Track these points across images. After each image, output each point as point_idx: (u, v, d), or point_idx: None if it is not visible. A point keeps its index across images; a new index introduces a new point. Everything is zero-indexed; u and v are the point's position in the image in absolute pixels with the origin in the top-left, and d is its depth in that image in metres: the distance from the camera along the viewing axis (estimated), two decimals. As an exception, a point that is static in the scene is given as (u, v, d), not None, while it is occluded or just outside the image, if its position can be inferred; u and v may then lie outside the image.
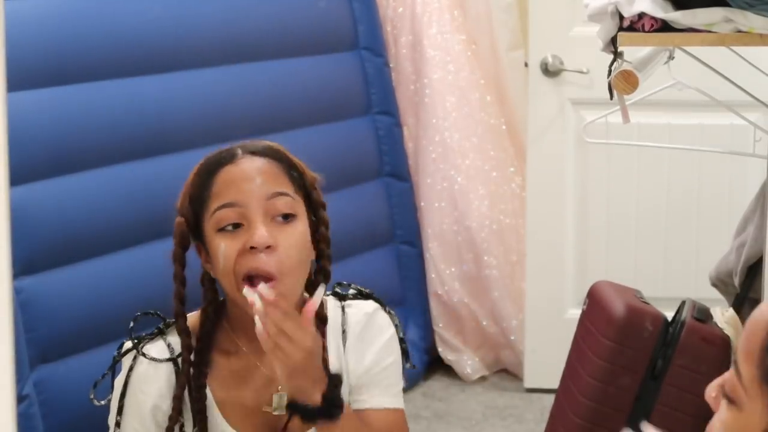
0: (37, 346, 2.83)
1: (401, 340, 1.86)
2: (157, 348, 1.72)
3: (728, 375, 1.18)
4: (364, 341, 1.82)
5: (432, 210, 4.10)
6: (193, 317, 1.79)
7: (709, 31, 1.99)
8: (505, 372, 4.14)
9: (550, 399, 3.11)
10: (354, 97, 3.98)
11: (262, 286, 1.61)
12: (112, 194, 3.07)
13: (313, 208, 1.76)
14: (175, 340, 1.73)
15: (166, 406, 1.70)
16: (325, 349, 1.73)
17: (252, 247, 1.64)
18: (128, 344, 1.74)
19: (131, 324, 1.75)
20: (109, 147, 3.09)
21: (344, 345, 1.81)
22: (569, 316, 3.83)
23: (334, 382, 1.66)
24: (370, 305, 1.85)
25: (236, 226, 1.67)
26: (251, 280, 1.64)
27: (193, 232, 1.76)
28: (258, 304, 1.59)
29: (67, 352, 2.90)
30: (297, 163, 1.77)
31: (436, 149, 4.08)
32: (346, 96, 3.97)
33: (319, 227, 1.75)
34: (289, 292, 1.67)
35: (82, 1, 3.12)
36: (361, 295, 1.86)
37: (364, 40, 4.01)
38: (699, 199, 3.83)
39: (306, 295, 1.74)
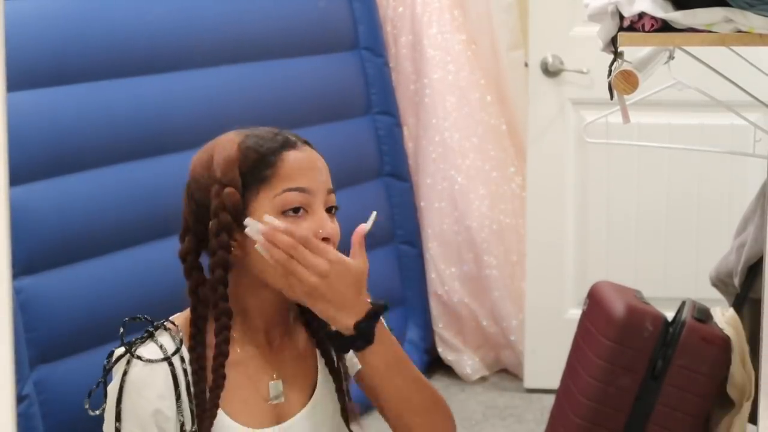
0: (37, 346, 2.83)
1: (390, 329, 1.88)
2: (149, 350, 1.70)
3: None
4: None
5: (432, 210, 4.10)
6: (178, 317, 1.78)
7: (709, 31, 1.99)
8: (505, 372, 4.14)
9: (550, 399, 3.11)
10: (354, 97, 3.98)
11: (266, 218, 1.63)
12: (112, 194, 3.07)
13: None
14: (166, 341, 1.71)
15: (167, 407, 1.68)
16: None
17: (324, 238, 1.68)
18: (119, 351, 1.71)
19: (121, 330, 1.73)
20: (109, 147, 3.09)
21: None
22: (569, 316, 3.83)
23: (374, 309, 1.67)
24: None
25: (295, 210, 1.68)
26: None
27: None
28: (257, 236, 1.62)
29: (67, 352, 2.90)
30: None
31: (436, 149, 4.08)
32: (346, 96, 3.97)
33: None
34: None
35: (82, 1, 3.12)
36: None
37: (364, 40, 4.01)
38: (699, 199, 3.83)
39: None
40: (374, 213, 1.75)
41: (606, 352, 2.78)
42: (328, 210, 1.73)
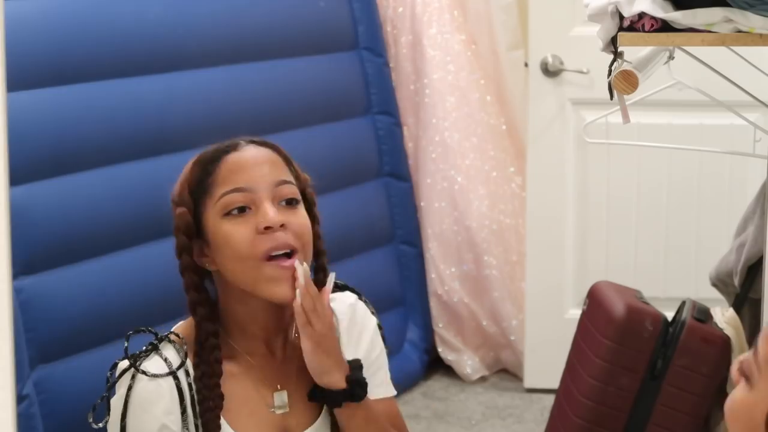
0: (37, 346, 2.83)
1: (379, 326, 1.89)
2: (154, 364, 1.68)
3: (749, 352, 1.19)
4: (351, 336, 1.83)
5: (432, 210, 4.10)
6: (182, 326, 1.77)
7: (709, 31, 1.99)
8: (505, 372, 4.14)
9: (550, 399, 3.11)
10: (354, 97, 3.98)
11: (299, 268, 1.65)
12: (112, 194, 3.07)
13: (308, 204, 1.77)
14: (171, 354, 1.70)
15: (173, 422, 1.67)
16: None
17: (267, 228, 1.66)
18: (123, 364, 1.69)
19: (125, 343, 1.71)
20: (109, 147, 3.09)
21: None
22: (569, 316, 3.83)
23: (357, 363, 1.72)
24: (350, 296, 1.87)
25: (241, 210, 1.68)
26: (271, 260, 1.67)
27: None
28: (302, 277, 1.64)
29: (67, 352, 2.90)
30: (292, 160, 1.79)
31: (436, 149, 4.08)
32: (346, 96, 3.97)
33: (314, 224, 1.76)
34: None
35: (82, 1, 3.12)
36: (337, 287, 1.87)
37: (364, 40, 4.01)
38: (699, 199, 3.83)
39: None
40: (333, 274, 1.75)
41: (606, 352, 2.78)
42: (289, 202, 1.71)
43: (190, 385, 1.68)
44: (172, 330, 1.75)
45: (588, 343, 2.85)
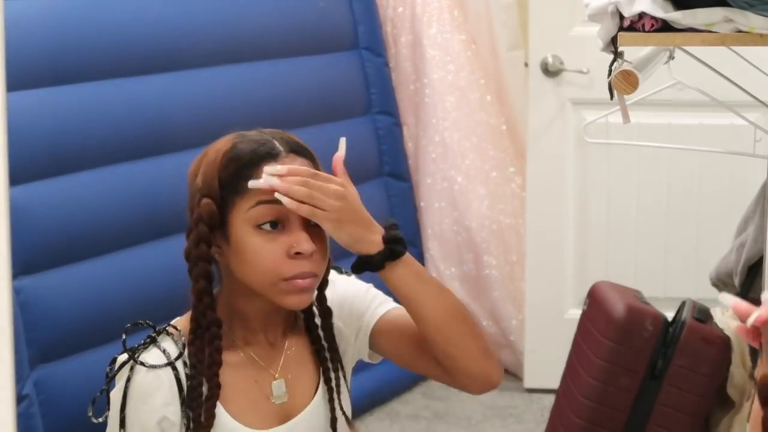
0: (37, 346, 2.83)
1: (346, 273, 1.87)
2: (152, 356, 1.68)
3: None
4: (342, 305, 1.84)
5: (432, 210, 4.10)
6: (180, 321, 1.76)
7: (709, 31, 1.99)
8: (505, 372, 4.14)
9: (550, 399, 3.11)
10: (354, 97, 3.98)
11: (266, 169, 1.63)
12: (112, 194, 3.07)
13: None
14: (169, 345, 1.70)
15: (172, 413, 1.67)
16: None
17: (298, 253, 1.65)
18: (122, 357, 1.70)
19: (123, 336, 1.71)
20: (108, 147, 3.09)
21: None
22: (569, 316, 3.83)
23: (390, 222, 1.70)
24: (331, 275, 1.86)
25: (273, 225, 1.66)
26: (291, 278, 1.66)
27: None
28: (274, 180, 1.62)
29: (67, 352, 2.90)
30: (318, 160, 1.78)
31: (436, 149, 4.08)
32: (346, 96, 3.97)
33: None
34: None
35: (81, 1, 3.12)
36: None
37: (364, 40, 4.01)
38: (699, 199, 3.83)
39: None
40: (343, 138, 1.76)
41: (606, 352, 2.78)
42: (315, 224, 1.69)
43: (188, 375, 1.68)
44: (170, 323, 1.75)
45: (588, 343, 2.85)
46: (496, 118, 4.13)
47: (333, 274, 1.85)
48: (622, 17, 2.04)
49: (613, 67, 2.11)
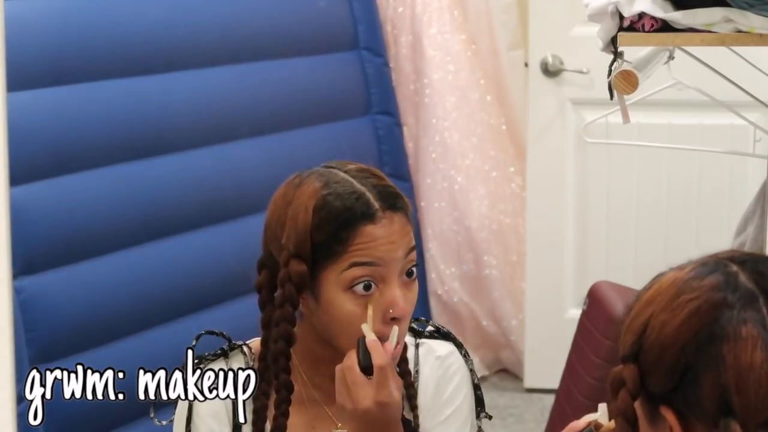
0: (37, 346, 2.83)
1: (476, 387, 1.79)
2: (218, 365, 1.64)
3: None
4: (437, 395, 1.75)
5: (432, 210, 4.10)
6: (256, 342, 1.71)
7: (709, 31, 1.99)
8: (505, 372, 4.14)
9: (550, 399, 3.11)
10: (354, 97, 3.98)
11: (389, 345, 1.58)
12: (112, 194, 3.07)
13: None
14: (238, 365, 1.64)
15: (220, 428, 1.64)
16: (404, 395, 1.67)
17: (393, 319, 1.60)
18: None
19: (194, 342, 1.64)
20: (109, 147, 3.09)
21: (415, 386, 1.74)
22: (569, 316, 3.83)
23: (409, 430, 1.62)
24: (444, 347, 1.79)
25: (367, 287, 1.59)
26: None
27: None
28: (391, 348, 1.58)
29: (67, 352, 2.90)
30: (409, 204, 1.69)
31: (436, 149, 4.08)
32: (346, 96, 3.96)
33: None
34: None
35: (82, 1, 3.12)
36: (438, 333, 1.82)
37: (364, 40, 4.01)
38: (699, 199, 3.83)
39: None
40: (395, 328, 1.64)
41: (606, 352, 2.78)
42: (409, 274, 1.64)
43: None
44: (245, 342, 1.70)
45: (588, 343, 2.85)
46: (497, 118, 4.13)
47: (445, 348, 1.78)
48: (621, 17, 2.04)
49: (613, 67, 2.10)
